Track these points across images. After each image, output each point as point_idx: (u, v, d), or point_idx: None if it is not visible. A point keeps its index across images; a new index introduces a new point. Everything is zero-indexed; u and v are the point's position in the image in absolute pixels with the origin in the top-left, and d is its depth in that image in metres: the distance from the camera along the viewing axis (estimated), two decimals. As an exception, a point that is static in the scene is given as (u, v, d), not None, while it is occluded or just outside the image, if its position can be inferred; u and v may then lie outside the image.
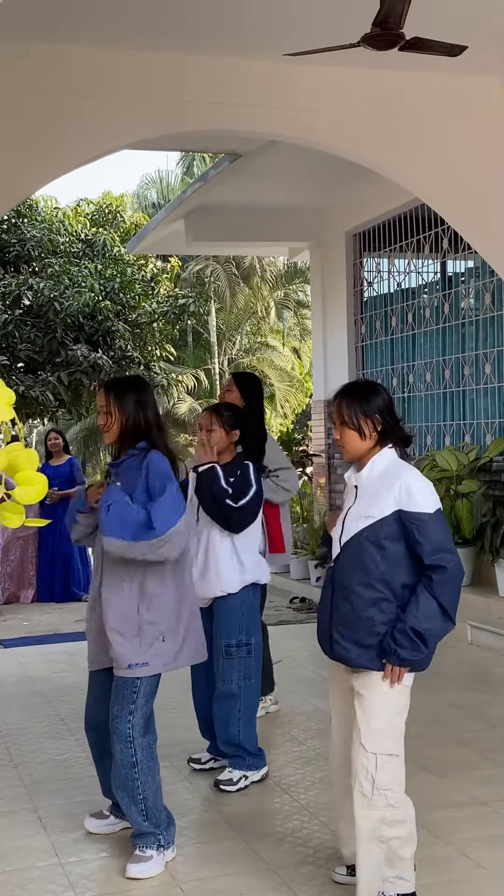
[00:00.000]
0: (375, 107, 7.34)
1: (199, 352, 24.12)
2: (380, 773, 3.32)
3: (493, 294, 9.17)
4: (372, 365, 11.34)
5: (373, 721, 3.35)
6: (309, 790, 4.62)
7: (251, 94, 7.04)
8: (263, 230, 11.88)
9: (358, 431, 3.44)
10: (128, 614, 3.84)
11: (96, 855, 3.99)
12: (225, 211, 11.37)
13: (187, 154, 25.29)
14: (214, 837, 4.14)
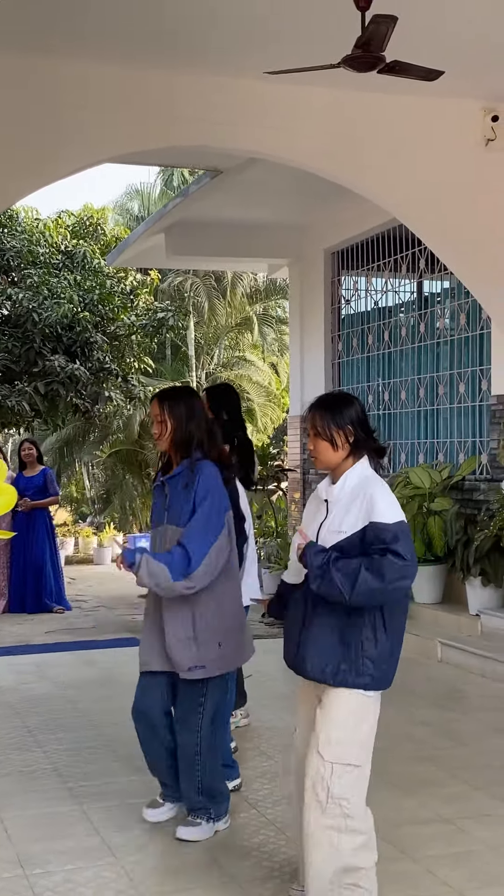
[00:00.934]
0: (355, 128, 7.40)
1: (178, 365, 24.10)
2: (335, 782, 3.31)
3: (467, 314, 9.25)
4: (348, 382, 11.38)
5: (333, 731, 3.35)
6: (276, 805, 4.61)
7: (232, 111, 7.08)
8: (243, 246, 11.93)
9: (330, 442, 3.46)
10: (185, 622, 4.10)
11: (61, 867, 3.97)
12: (205, 226, 11.41)
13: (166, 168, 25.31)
14: (180, 851, 4.12)
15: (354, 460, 3.48)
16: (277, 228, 11.69)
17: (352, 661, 3.35)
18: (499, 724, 6.00)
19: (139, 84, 6.87)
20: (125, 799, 4.71)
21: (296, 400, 12.29)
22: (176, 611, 4.13)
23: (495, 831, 4.29)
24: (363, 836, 3.37)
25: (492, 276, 7.95)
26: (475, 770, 5.11)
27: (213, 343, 24.00)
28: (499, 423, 8.52)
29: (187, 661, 4.11)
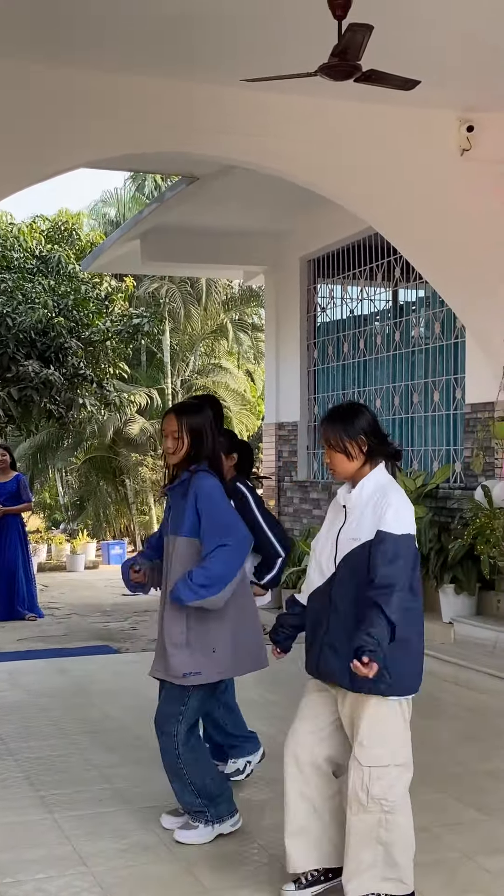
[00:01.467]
0: (332, 136, 7.44)
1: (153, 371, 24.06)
2: (373, 784, 3.46)
3: (442, 323, 9.31)
4: (323, 389, 11.41)
5: (364, 737, 3.48)
6: (250, 811, 4.60)
7: (209, 118, 7.10)
8: (219, 253, 11.94)
9: (344, 453, 3.54)
10: (179, 627, 4.11)
11: (32, 876, 3.94)
12: (181, 232, 11.42)
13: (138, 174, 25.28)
14: (153, 859, 4.11)
15: (371, 467, 3.56)
16: (253, 235, 11.72)
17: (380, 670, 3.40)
18: (472, 732, 6.02)
19: (116, 90, 6.88)
20: (97, 807, 4.69)
21: (271, 407, 12.31)
22: (172, 614, 4.15)
23: (469, 839, 4.31)
24: (402, 830, 3.50)
25: (466, 285, 8.01)
26: (449, 778, 5.12)
27: (188, 349, 23.98)
28: (472, 431, 8.58)
29: (182, 668, 4.11)
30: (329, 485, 10.92)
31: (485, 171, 7.82)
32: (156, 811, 4.55)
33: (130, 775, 5.11)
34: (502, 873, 3.96)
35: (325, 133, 7.42)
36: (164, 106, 6.99)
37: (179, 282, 22.45)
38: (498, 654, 7.31)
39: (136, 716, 6.14)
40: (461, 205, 7.84)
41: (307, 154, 7.46)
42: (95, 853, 4.15)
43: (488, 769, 5.29)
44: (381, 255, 10.18)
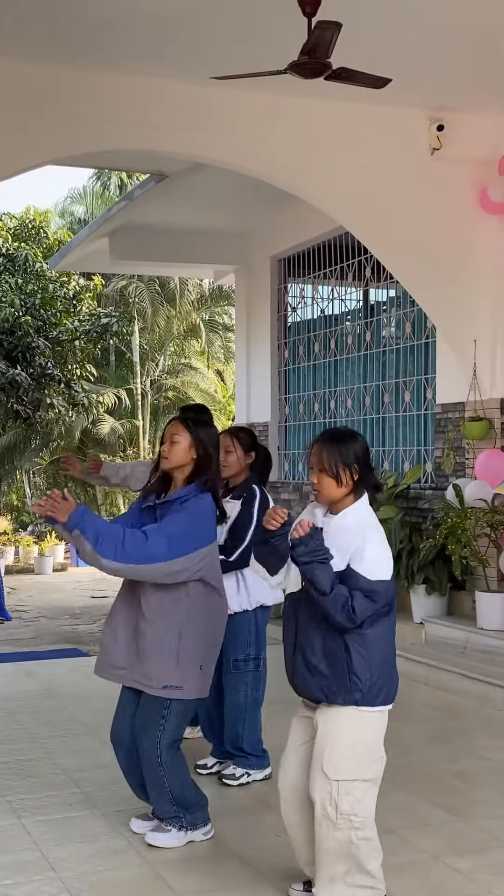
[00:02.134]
0: (302, 135, 7.46)
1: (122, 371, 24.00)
2: (342, 800, 3.43)
3: (413, 323, 9.36)
4: (294, 390, 11.44)
5: (334, 750, 3.44)
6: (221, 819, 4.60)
7: (178, 115, 7.10)
8: (188, 252, 11.94)
9: (335, 479, 3.52)
10: (169, 637, 4.06)
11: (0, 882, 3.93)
12: (150, 231, 11.40)
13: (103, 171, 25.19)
14: (122, 864, 4.10)
15: (355, 497, 3.55)
16: (223, 234, 11.72)
17: (339, 678, 3.42)
18: (442, 733, 6.06)
19: (83, 86, 6.86)
20: (66, 812, 4.67)
21: (241, 408, 12.32)
22: (161, 622, 4.09)
23: (437, 840, 4.34)
24: (371, 842, 3.51)
25: (437, 285, 8.06)
26: (417, 779, 5.16)
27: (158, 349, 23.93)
28: (443, 431, 8.63)
29: (164, 679, 4.07)
30: (300, 485, 10.94)
31: (455, 170, 7.87)
32: (125, 815, 4.55)
33: (100, 779, 5.10)
34: (473, 873, 3.99)
35: (295, 131, 7.44)
36: (133, 103, 6.98)
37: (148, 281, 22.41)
38: (469, 654, 7.37)
39: (105, 719, 6.08)
40: (432, 204, 7.89)
41: (277, 152, 7.48)
42: (64, 858, 4.14)
43: (457, 770, 5.34)
44: (351, 254, 10.22)
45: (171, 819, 4.23)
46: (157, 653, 4.08)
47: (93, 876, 3.97)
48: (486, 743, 5.85)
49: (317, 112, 7.43)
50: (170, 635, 4.09)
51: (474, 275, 8.02)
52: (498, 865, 4.08)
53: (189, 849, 4.24)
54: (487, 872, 4.00)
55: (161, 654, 4.08)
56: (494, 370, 7.98)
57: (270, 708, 5.37)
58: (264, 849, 4.22)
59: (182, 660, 4.09)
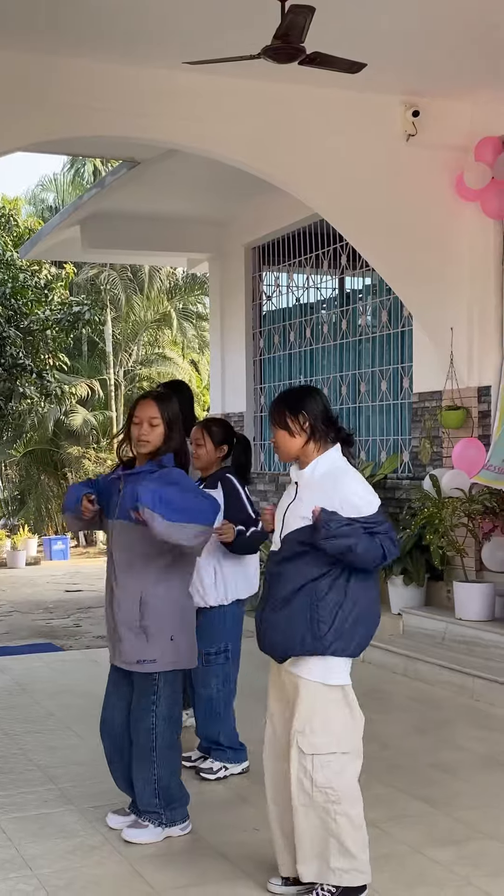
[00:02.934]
0: (275, 120, 7.44)
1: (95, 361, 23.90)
2: (317, 773, 3.47)
3: (389, 312, 9.37)
4: (270, 379, 11.44)
5: (306, 723, 3.49)
6: (200, 812, 4.61)
7: (149, 101, 7.06)
8: (162, 240, 11.90)
9: (286, 429, 3.59)
10: (133, 611, 4.11)
11: (-27, 882, 3.92)
12: (122, 218, 11.35)
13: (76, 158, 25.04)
14: (99, 861, 4.10)
15: (320, 448, 3.60)
16: (197, 222, 11.69)
17: (306, 627, 3.46)
18: (421, 725, 6.10)
19: (53, 72, 6.81)
20: (41, 808, 4.67)
21: (216, 398, 12.30)
22: (125, 596, 4.13)
23: (417, 832, 4.37)
24: (354, 820, 3.51)
25: (412, 273, 8.08)
26: (397, 771, 5.19)
27: (131, 339, 23.85)
28: (420, 420, 8.67)
29: (136, 654, 4.11)
30: (276, 476, 10.95)
31: (431, 156, 7.88)
32: (102, 811, 4.55)
33: (75, 775, 5.09)
34: (453, 865, 4.02)
35: (269, 117, 7.42)
36: (104, 89, 6.93)
37: (120, 269, 22.32)
38: (447, 644, 7.41)
39: (80, 714, 6.12)
40: (407, 191, 7.90)
41: (250, 139, 7.46)
42: (40, 855, 4.13)
43: (435, 761, 5.37)
44: (327, 242, 10.22)
45: (150, 814, 4.24)
46: (127, 628, 4.13)
47: (69, 873, 3.97)
48: (465, 733, 5.89)
49: (291, 98, 7.41)
50: (134, 609, 4.12)
51: (451, 262, 8.04)
52: (477, 856, 4.11)
53: (167, 844, 4.24)
54: (467, 864, 4.04)
55: (131, 630, 4.13)
56: (471, 358, 8.02)
57: (248, 700, 5.38)
58: (243, 843, 4.23)
59: (150, 632, 4.11)
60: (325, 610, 3.48)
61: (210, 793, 4.87)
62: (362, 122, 7.69)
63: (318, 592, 3.48)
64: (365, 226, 8.02)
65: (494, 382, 7.83)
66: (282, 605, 3.52)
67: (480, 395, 7.98)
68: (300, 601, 3.49)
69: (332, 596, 3.49)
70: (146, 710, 4.17)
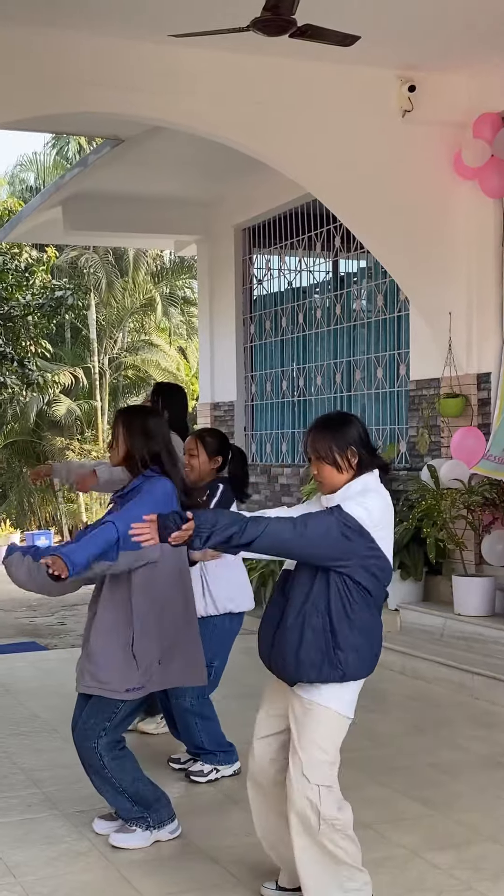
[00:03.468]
0: (265, 95, 7.42)
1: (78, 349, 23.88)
2: (323, 804, 3.44)
3: (385, 296, 9.37)
4: (261, 367, 11.43)
5: (316, 752, 3.45)
6: (190, 814, 4.63)
7: (133, 76, 7.04)
8: (147, 221, 11.86)
9: (334, 465, 3.52)
10: (123, 640, 4.14)
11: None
12: (106, 199, 11.31)
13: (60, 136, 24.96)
14: (84, 868, 4.11)
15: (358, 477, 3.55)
16: (184, 203, 11.66)
17: (324, 652, 3.42)
18: (419, 724, 6.12)
19: (31, 46, 6.77)
20: (25, 814, 4.67)
21: (206, 386, 12.29)
22: (116, 625, 4.15)
23: (415, 835, 4.38)
24: (354, 841, 3.53)
25: (409, 255, 8.08)
26: (395, 772, 5.21)
27: (116, 325, 23.82)
28: (417, 409, 8.67)
29: (126, 683, 4.13)
30: (268, 468, 10.96)
31: (427, 133, 7.88)
32: (87, 816, 4.56)
33: (60, 779, 5.10)
34: (453, 868, 4.04)
35: (259, 93, 7.40)
36: (87, 63, 6.90)
37: (103, 252, 22.27)
38: (446, 641, 7.43)
39: (65, 716, 6.07)
40: (403, 169, 7.89)
41: (240, 115, 7.44)
42: (24, 862, 4.14)
43: (433, 762, 5.39)
44: (320, 223, 10.21)
45: (136, 819, 4.25)
46: (111, 657, 4.17)
47: (54, 880, 3.98)
48: (465, 733, 5.92)
49: (281, 72, 7.39)
50: (124, 637, 4.17)
51: (449, 244, 8.04)
52: (478, 860, 4.13)
53: (155, 849, 4.25)
54: (467, 867, 4.06)
55: (117, 658, 4.16)
56: (471, 344, 8.03)
57: (239, 700, 5.39)
58: (234, 847, 4.25)
59: (139, 659, 4.17)
60: (342, 634, 3.43)
61: (200, 795, 4.89)
62: (356, 98, 7.67)
63: (336, 614, 3.43)
64: (359, 206, 8.01)
65: (494, 369, 7.84)
66: (295, 626, 3.47)
67: (480, 383, 8.00)
68: (315, 622, 3.44)
69: (350, 617, 3.44)
70: (95, 728, 4.16)
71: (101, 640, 4.18)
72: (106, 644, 4.17)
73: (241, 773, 5.09)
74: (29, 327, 16.67)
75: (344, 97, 7.65)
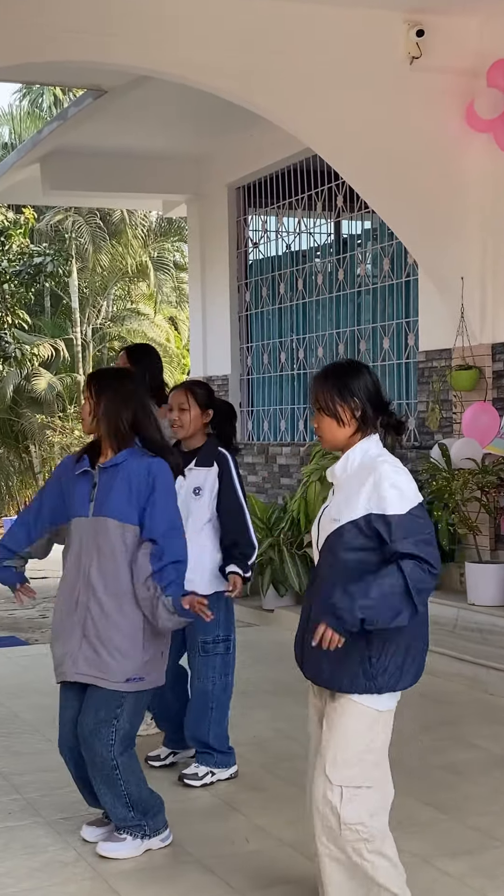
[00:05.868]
0: (261, 42, 7.38)
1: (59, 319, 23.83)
2: (345, 808, 3.40)
3: (391, 259, 9.36)
4: (258, 338, 11.43)
5: (340, 751, 3.42)
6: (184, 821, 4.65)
7: (116, 20, 7.00)
8: (133, 180, 11.83)
9: (334, 418, 3.49)
10: (133, 629, 4.17)
11: None
12: (88, 155, 11.27)
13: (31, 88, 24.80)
14: (71, 878, 4.14)
15: (363, 437, 3.51)
16: (173, 159, 11.62)
17: (357, 662, 3.40)
18: (429, 722, 6.15)
19: (6, -14, 6.73)
20: (5, 821, 4.70)
21: (198, 359, 12.29)
22: (123, 615, 4.17)
23: (426, 841, 4.41)
24: (388, 859, 3.46)
25: (418, 214, 8.05)
26: (403, 773, 5.18)
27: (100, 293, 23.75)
28: (427, 382, 8.67)
29: (129, 672, 4.15)
30: (266, 447, 10.96)
31: (437, 81, 7.84)
32: (73, 823, 4.58)
33: (43, 783, 5.12)
34: (465, 876, 4.07)
35: (253, 38, 7.36)
36: (67, 7, 6.85)
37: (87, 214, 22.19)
38: (458, 633, 7.46)
39: (48, 716, 6.12)
40: (412, 121, 7.86)
41: (232, 62, 7.40)
42: (5, 873, 4.16)
43: (445, 762, 5.42)
44: (320, 181, 10.18)
45: (132, 827, 4.27)
46: (116, 646, 4.18)
47: (38, 892, 4.01)
48: (478, 731, 5.95)
49: (278, 14, 7.34)
50: (134, 624, 4.20)
51: (461, 202, 8.02)
52: (492, 867, 4.16)
53: (146, 858, 4.28)
54: (481, 875, 4.09)
55: (127, 649, 4.18)
56: (485, 312, 8.02)
57: (237, 700, 5.41)
58: (233, 856, 4.27)
59: (147, 649, 4.20)
60: (377, 643, 3.38)
61: (194, 800, 4.91)
62: (360, 44, 7.63)
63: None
64: (363, 162, 7.98)
65: (510, 338, 7.84)
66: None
67: (495, 353, 8.00)
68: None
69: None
70: (107, 724, 4.17)
71: (115, 628, 4.18)
72: (115, 630, 4.18)
73: (237, 777, 5.13)
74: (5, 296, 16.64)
75: (346, 42, 7.60)
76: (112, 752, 4.15)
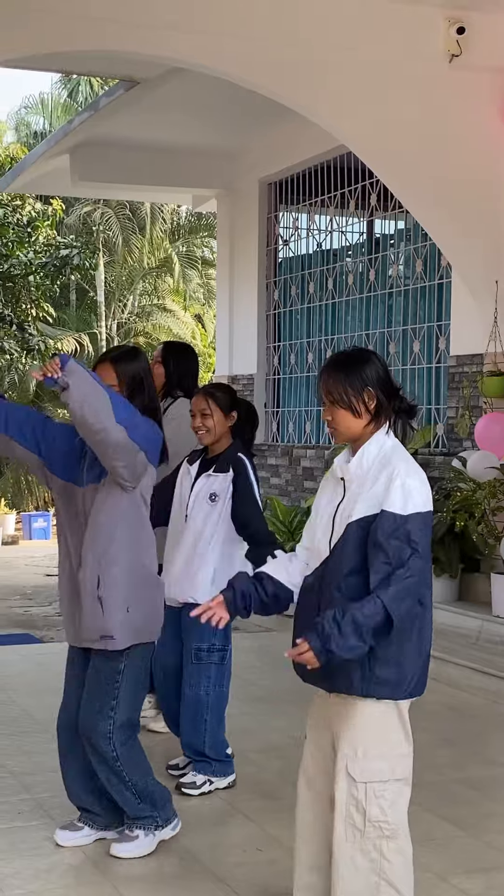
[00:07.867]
0: (297, 36, 7.36)
1: (84, 313, 23.91)
2: (371, 805, 3.40)
3: (424, 261, 9.33)
4: (286, 337, 11.42)
5: (360, 745, 3.42)
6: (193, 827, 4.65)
7: (153, 11, 6.99)
8: (163, 173, 11.86)
9: (349, 409, 3.46)
10: (92, 581, 4.18)
11: None
12: (119, 147, 11.30)
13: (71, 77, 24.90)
14: (79, 881, 4.14)
15: (377, 427, 3.49)
16: (204, 153, 11.63)
17: (362, 665, 3.39)
18: (448, 735, 6.13)
19: (41, -27, 6.75)
20: (14, 821, 4.71)
21: (223, 358, 12.29)
22: (86, 566, 4.19)
23: (444, 858, 4.39)
24: (407, 859, 3.48)
25: (453, 216, 8.03)
26: (422, 788, 5.16)
27: (126, 287, 23.81)
28: (458, 388, 8.64)
29: (97, 630, 4.16)
30: (290, 449, 10.95)
31: (477, 80, 7.80)
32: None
33: (53, 784, 5.11)
34: None
35: (289, 32, 7.34)
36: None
37: (116, 206, 22.25)
38: (482, 645, 7.43)
39: (60, 716, 6.15)
40: (449, 120, 7.82)
41: (267, 56, 7.38)
42: (12, 874, 4.17)
43: (464, 777, 5.40)
44: (354, 178, 10.16)
45: (143, 820, 4.28)
46: (87, 601, 4.19)
47: (45, 895, 4.01)
48: (500, 746, 5.92)
49: (314, 8, 7.33)
50: (91, 577, 4.20)
51: (498, 204, 7.98)
52: (510, 886, 4.13)
53: (156, 865, 4.28)
54: (499, 894, 4.06)
55: (89, 604, 4.19)
56: (518, 317, 7.98)
57: (254, 706, 5.40)
58: (242, 864, 4.27)
59: (106, 604, 4.16)
60: (381, 644, 3.38)
61: (195, 809, 4.89)
62: (398, 40, 7.60)
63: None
64: (398, 160, 7.96)
65: (544, 345, 7.80)
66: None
67: (528, 360, 7.96)
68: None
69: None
70: (101, 713, 4.17)
71: (83, 580, 4.21)
72: (85, 585, 4.20)
73: (235, 786, 5.10)
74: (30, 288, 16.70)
75: (384, 39, 7.57)
76: (112, 744, 4.17)
